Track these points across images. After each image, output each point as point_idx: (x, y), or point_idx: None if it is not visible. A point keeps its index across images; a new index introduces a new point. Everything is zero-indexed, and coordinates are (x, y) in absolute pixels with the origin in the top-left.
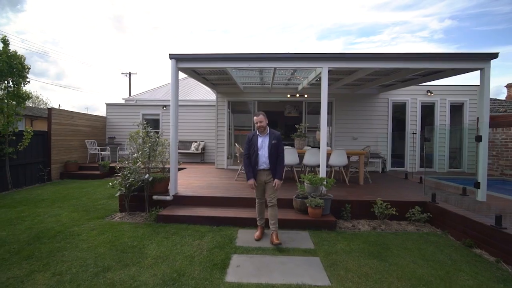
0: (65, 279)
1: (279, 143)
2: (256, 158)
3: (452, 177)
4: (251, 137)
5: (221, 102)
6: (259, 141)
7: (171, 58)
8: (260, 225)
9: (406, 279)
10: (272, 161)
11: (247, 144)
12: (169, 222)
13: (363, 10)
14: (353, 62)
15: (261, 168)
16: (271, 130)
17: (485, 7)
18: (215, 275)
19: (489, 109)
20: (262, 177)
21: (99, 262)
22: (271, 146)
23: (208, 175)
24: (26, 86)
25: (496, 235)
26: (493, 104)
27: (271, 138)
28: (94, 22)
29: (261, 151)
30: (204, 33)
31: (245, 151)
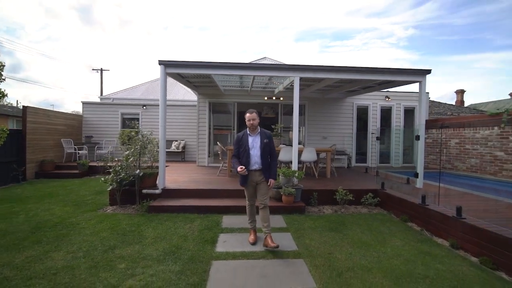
0: (79, 255)
1: (271, 142)
2: (248, 158)
3: (404, 170)
4: (241, 136)
5: (203, 103)
6: (250, 141)
7: (160, 64)
8: (252, 228)
9: (354, 244)
10: (264, 161)
11: (237, 143)
12: (160, 212)
13: (338, 15)
14: (320, 73)
15: (252, 168)
16: (262, 130)
17: (443, 19)
18: (206, 248)
19: (426, 113)
20: (254, 178)
21: (105, 242)
22: (263, 145)
23: (191, 172)
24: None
25: (422, 211)
26: (443, 108)
27: (262, 137)
28: (56, 11)
29: (253, 151)
30: (180, 30)
31: (235, 151)
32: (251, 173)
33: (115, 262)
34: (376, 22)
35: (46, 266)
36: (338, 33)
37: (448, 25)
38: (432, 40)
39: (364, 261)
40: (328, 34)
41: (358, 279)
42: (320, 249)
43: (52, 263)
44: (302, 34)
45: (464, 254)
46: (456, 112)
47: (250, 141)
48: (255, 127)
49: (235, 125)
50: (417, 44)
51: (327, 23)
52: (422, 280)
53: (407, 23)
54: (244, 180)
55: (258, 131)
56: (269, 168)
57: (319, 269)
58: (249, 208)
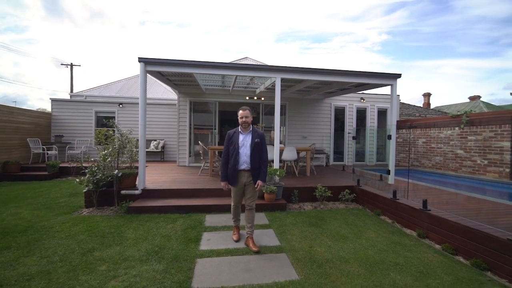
0: (55, 260)
1: (263, 142)
2: (237, 157)
3: (377, 168)
4: (231, 134)
5: (183, 102)
6: (240, 139)
7: (140, 61)
8: (236, 225)
9: (332, 237)
10: (254, 162)
11: (227, 141)
12: (141, 213)
13: (317, 18)
14: (300, 74)
15: (241, 168)
16: (254, 128)
17: (413, 26)
18: (190, 246)
19: (397, 114)
20: (242, 179)
21: (83, 245)
22: (254, 144)
23: (171, 172)
24: None
25: (393, 205)
26: (412, 110)
27: (254, 136)
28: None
29: (242, 150)
30: (157, 26)
31: (225, 149)
32: (240, 173)
33: (95, 264)
34: (352, 27)
35: (19, 273)
36: (317, 36)
37: (417, 32)
38: (403, 46)
39: (342, 253)
40: (307, 36)
41: (337, 269)
42: (301, 243)
43: (25, 269)
44: (282, 35)
45: (429, 242)
46: (423, 113)
47: (240, 139)
48: (247, 125)
49: (217, 124)
50: (390, 49)
51: (307, 26)
52: (393, 267)
53: (380, 28)
54: (233, 180)
55: (250, 129)
56: (259, 169)
57: (301, 261)
58: (234, 209)
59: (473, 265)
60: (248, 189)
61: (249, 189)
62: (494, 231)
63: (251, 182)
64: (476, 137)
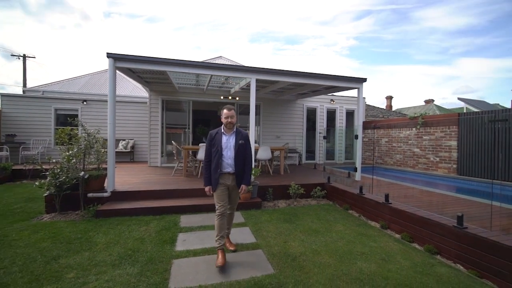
0: (14, 270)
1: (247, 144)
2: (220, 160)
3: (346, 165)
4: (213, 134)
5: (155, 100)
6: (223, 140)
7: (108, 57)
8: (220, 247)
9: (305, 232)
10: (238, 164)
11: (209, 142)
12: (111, 216)
13: (290, 20)
14: (275, 76)
15: (225, 171)
16: (238, 129)
17: (378, 33)
18: (166, 248)
19: (363, 116)
20: (227, 181)
21: (46, 253)
22: (238, 146)
23: (143, 172)
24: None
25: (359, 200)
26: (376, 111)
27: (238, 137)
28: None
29: (226, 152)
30: (125, 19)
31: (207, 151)
32: (223, 176)
33: (62, 272)
34: (323, 31)
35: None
36: (290, 38)
37: (381, 39)
38: (369, 51)
39: (314, 246)
40: (280, 38)
41: (310, 261)
42: (276, 239)
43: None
44: (256, 36)
45: (390, 232)
46: (386, 115)
47: (224, 140)
48: (232, 126)
49: (190, 124)
50: (357, 53)
51: (280, 27)
52: (359, 256)
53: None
54: (215, 183)
55: (234, 130)
56: (243, 173)
57: (276, 256)
58: (219, 219)
59: (426, 250)
60: (232, 192)
61: (233, 192)
62: (443, 220)
63: (235, 186)
64: (430, 137)
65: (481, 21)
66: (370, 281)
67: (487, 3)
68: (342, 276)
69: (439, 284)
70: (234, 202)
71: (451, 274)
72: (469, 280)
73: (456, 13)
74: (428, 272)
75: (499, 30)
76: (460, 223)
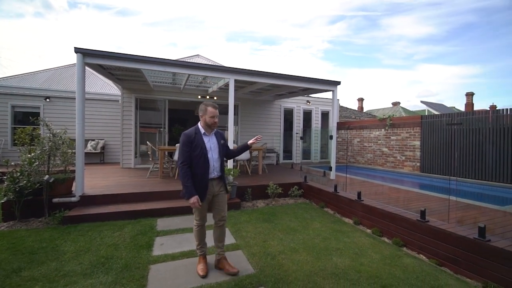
0: None
1: (227, 143)
2: (206, 164)
3: (321, 165)
4: (192, 136)
5: (128, 98)
6: (206, 141)
7: (76, 52)
8: (203, 254)
9: (284, 230)
10: (222, 167)
11: (188, 145)
12: (80, 222)
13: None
14: (253, 77)
15: (211, 176)
16: (216, 130)
17: (350, 37)
18: (142, 253)
19: (337, 117)
20: (212, 189)
21: (5, 266)
22: (220, 147)
23: (115, 174)
24: None
25: (334, 197)
26: (349, 112)
27: (218, 137)
28: None
29: (211, 154)
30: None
31: (183, 155)
32: (210, 183)
33: (25, 286)
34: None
35: None
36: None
37: (354, 43)
38: (342, 54)
39: (293, 244)
40: (258, 38)
41: (288, 259)
42: (255, 239)
43: None
44: (234, 35)
45: (362, 228)
46: (358, 116)
47: (206, 141)
48: (215, 126)
49: (166, 123)
50: (331, 56)
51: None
52: (335, 252)
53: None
54: (203, 193)
55: (214, 131)
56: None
57: (256, 256)
58: (198, 230)
59: (394, 243)
60: (219, 199)
61: (221, 199)
62: (408, 214)
63: (222, 191)
64: (397, 137)
65: (440, 31)
66: (344, 275)
67: (444, 15)
68: (319, 272)
69: (405, 274)
70: (224, 210)
71: (415, 264)
72: (430, 269)
73: (419, 22)
74: (396, 264)
75: (454, 40)
76: (423, 217)
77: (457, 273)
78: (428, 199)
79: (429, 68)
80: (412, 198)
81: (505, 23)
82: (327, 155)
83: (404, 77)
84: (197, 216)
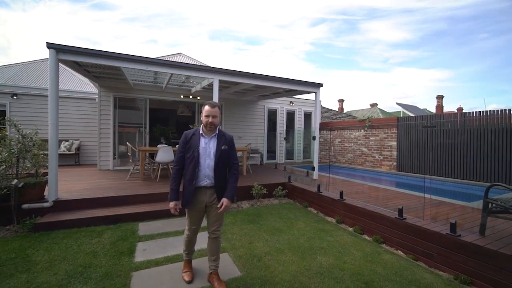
0: None
1: (232, 150)
2: (196, 170)
3: (304, 165)
4: (189, 136)
5: (106, 97)
6: (201, 144)
7: (49, 47)
8: (188, 259)
9: (269, 231)
10: (219, 176)
11: (182, 145)
12: (54, 229)
13: (251, 21)
14: (237, 77)
15: (202, 184)
16: (221, 131)
17: (331, 40)
18: (123, 260)
19: (319, 118)
20: (202, 197)
21: None
22: (219, 153)
23: (92, 177)
24: None
25: (317, 197)
26: (330, 113)
27: (220, 141)
28: None
29: (203, 159)
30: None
31: (178, 154)
32: (199, 191)
33: None
34: (282, 34)
35: None
36: (251, 38)
37: (334, 46)
38: (323, 56)
39: (278, 245)
40: (241, 37)
41: (274, 260)
42: (241, 240)
43: None
44: (217, 33)
45: (344, 226)
46: (338, 116)
47: (202, 144)
48: (214, 128)
49: (147, 123)
50: (313, 58)
51: (242, 27)
52: (319, 251)
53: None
54: (187, 200)
55: (216, 132)
56: (225, 184)
57: (242, 258)
58: (187, 240)
59: (374, 240)
60: (212, 211)
61: (213, 211)
62: (387, 212)
63: (215, 201)
64: (375, 138)
65: (414, 37)
66: (329, 273)
67: (419, 22)
68: (305, 271)
69: (385, 270)
70: (217, 222)
71: (394, 260)
72: (408, 263)
73: (396, 28)
74: (377, 260)
75: (427, 46)
76: (401, 214)
77: (431, 267)
78: (405, 197)
79: (404, 71)
80: (390, 196)
81: (471, 31)
82: (310, 154)
83: (381, 80)
84: (187, 225)
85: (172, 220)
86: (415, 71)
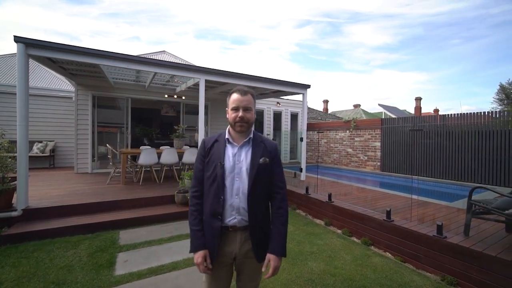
0: None
1: (276, 167)
2: (220, 197)
3: (292, 165)
4: (210, 144)
5: (84, 96)
6: (228, 155)
7: (17, 41)
8: None
9: None
10: (256, 207)
11: (200, 160)
12: (23, 241)
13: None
14: (224, 78)
15: (230, 222)
16: (257, 135)
17: (316, 42)
18: (102, 273)
19: (306, 119)
20: (231, 247)
21: None
22: (257, 169)
23: (68, 181)
24: None
25: (305, 199)
26: (315, 114)
27: (257, 150)
28: None
29: (231, 181)
30: None
31: (194, 176)
32: (227, 235)
33: None
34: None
35: None
36: (238, 37)
37: (319, 47)
38: (308, 57)
39: None
40: (228, 37)
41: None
42: None
43: None
44: (203, 32)
45: (333, 229)
46: (324, 117)
47: (229, 156)
48: (246, 128)
49: (129, 123)
50: (298, 58)
51: (228, 26)
52: (309, 256)
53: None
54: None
55: (250, 136)
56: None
57: None
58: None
59: (363, 243)
60: (246, 267)
61: (248, 267)
62: (375, 214)
63: (251, 254)
64: (360, 139)
65: (394, 41)
66: (320, 280)
67: (398, 26)
68: (296, 279)
69: (375, 274)
70: (251, 283)
71: (383, 263)
72: (396, 266)
73: (377, 31)
74: (366, 264)
75: (406, 49)
76: (388, 217)
77: (419, 268)
78: (391, 198)
79: (385, 73)
80: (377, 197)
81: (446, 37)
82: (296, 155)
83: (364, 81)
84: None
85: (157, 227)
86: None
